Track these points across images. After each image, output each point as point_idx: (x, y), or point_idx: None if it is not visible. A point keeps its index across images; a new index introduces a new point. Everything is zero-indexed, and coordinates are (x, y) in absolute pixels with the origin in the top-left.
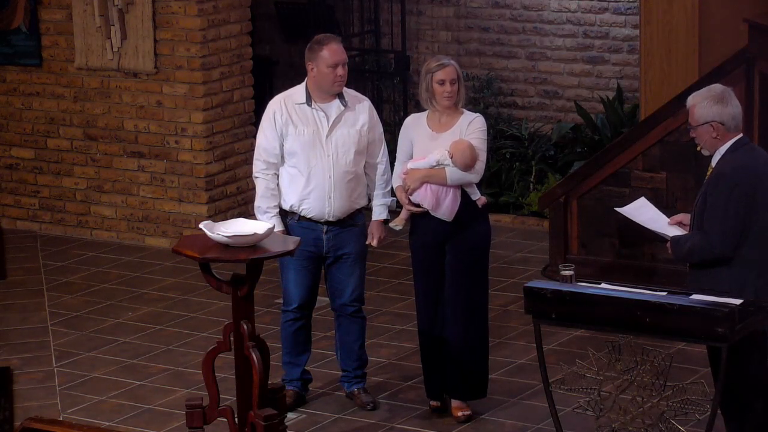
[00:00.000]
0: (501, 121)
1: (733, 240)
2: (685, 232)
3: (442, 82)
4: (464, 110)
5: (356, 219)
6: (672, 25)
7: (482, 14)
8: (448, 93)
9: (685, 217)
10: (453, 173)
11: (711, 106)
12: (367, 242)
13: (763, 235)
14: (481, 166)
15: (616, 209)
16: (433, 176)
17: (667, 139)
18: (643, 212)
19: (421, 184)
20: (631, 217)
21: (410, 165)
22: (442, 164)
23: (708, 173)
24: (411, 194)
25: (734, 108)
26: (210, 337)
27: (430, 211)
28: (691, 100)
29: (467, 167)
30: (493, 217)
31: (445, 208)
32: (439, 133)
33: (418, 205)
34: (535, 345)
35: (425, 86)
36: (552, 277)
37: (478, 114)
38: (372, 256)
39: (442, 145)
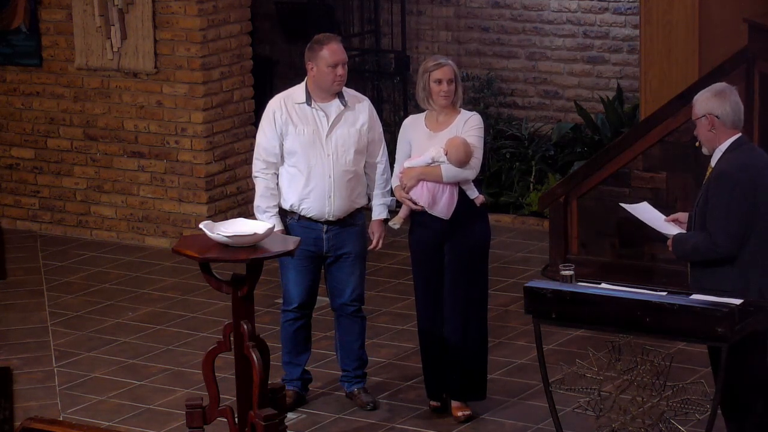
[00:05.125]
0: (501, 121)
1: (737, 239)
2: (683, 231)
3: (438, 82)
4: (461, 109)
5: (356, 218)
6: (672, 25)
7: (482, 14)
8: (445, 92)
9: (682, 216)
10: (448, 170)
11: (708, 100)
12: (370, 246)
13: (766, 233)
14: (476, 162)
15: (621, 204)
16: (428, 174)
17: (667, 139)
18: (645, 213)
19: (417, 182)
20: (634, 213)
21: (406, 163)
22: (437, 161)
23: (707, 173)
24: (407, 192)
25: (733, 104)
26: (210, 337)
27: (427, 209)
28: (695, 96)
29: (462, 164)
30: (493, 217)
31: (442, 206)
32: (436, 132)
33: (416, 202)
34: (535, 345)
35: (422, 85)
36: (552, 277)
37: (474, 112)
38: (372, 256)
39: (439, 144)
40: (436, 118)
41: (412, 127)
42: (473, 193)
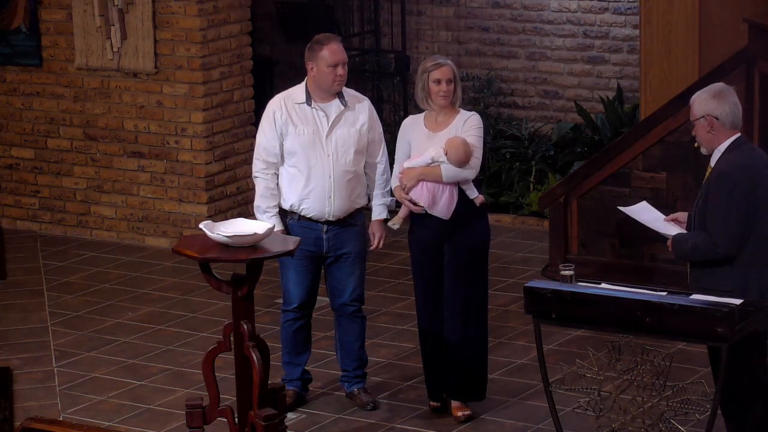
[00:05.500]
0: (501, 121)
1: (737, 239)
2: (683, 231)
3: (438, 82)
4: (461, 109)
5: (356, 218)
6: (672, 25)
7: (482, 14)
8: (444, 92)
9: (682, 216)
10: (448, 170)
11: (707, 101)
12: (371, 247)
13: (766, 233)
14: (476, 162)
15: (619, 208)
16: (428, 174)
17: (667, 139)
18: (644, 213)
19: (417, 182)
20: (633, 215)
21: (406, 164)
22: (437, 161)
23: (707, 173)
24: (407, 192)
25: (731, 105)
26: (210, 337)
27: (427, 209)
28: (692, 97)
29: (461, 163)
30: (493, 217)
31: (442, 206)
32: (435, 132)
33: (417, 203)
34: (535, 345)
35: (421, 85)
36: (552, 277)
37: (473, 112)
38: (372, 256)
39: (438, 144)
40: (436, 118)
41: (412, 127)
42: (473, 193)
